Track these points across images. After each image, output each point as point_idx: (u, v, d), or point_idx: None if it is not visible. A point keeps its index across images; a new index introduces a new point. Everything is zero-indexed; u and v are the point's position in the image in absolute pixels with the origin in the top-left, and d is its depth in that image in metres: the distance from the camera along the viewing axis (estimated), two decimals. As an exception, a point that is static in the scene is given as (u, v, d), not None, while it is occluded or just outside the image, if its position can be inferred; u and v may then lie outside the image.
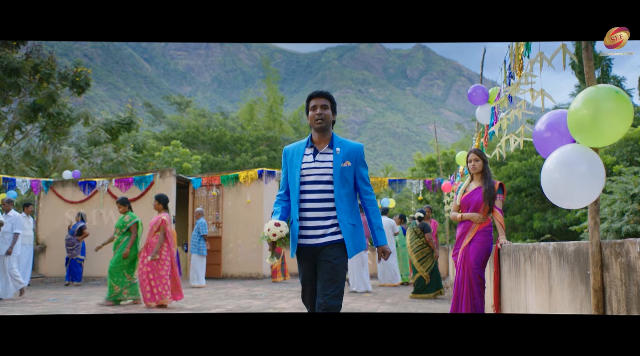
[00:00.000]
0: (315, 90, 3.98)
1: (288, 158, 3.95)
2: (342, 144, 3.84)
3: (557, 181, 2.54)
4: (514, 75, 4.40)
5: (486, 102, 6.03)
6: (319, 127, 3.79)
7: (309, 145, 3.88)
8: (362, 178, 3.87)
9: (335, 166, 3.75)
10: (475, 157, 5.75)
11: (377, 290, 12.17)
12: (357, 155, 3.84)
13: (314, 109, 3.83)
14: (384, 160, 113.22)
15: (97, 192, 14.63)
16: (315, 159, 3.81)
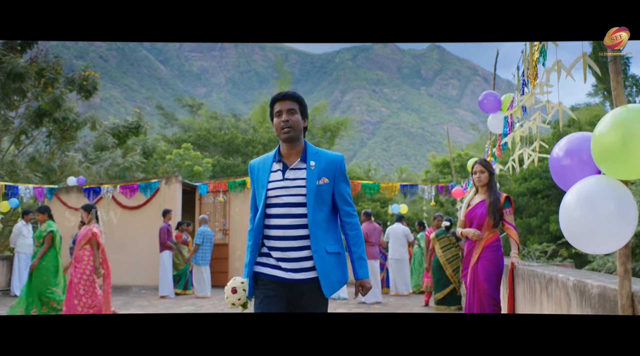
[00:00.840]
0: (284, 91, 3.30)
1: (254, 175, 3.34)
2: (318, 156, 3.22)
3: (578, 220, 2.09)
4: (527, 83, 3.98)
5: (499, 110, 5.60)
6: (287, 137, 3.15)
7: (276, 159, 3.26)
8: (342, 196, 3.24)
9: (309, 185, 3.13)
10: (481, 168, 5.32)
11: (388, 300, 11.75)
12: (336, 169, 3.21)
13: (279, 115, 3.20)
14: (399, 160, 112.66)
15: (102, 199, 14.32)
16: (284, 177, 3.19)
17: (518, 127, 4.34)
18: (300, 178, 3.17)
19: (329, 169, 3.20)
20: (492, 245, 5.21)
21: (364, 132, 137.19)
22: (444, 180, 30.39)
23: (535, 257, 22.05)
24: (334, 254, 3.14)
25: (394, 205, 15.19)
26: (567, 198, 2.23)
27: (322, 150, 3.28)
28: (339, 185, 3.24)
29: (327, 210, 3.18)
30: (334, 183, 3.21)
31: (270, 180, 3.21)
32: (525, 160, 4.08)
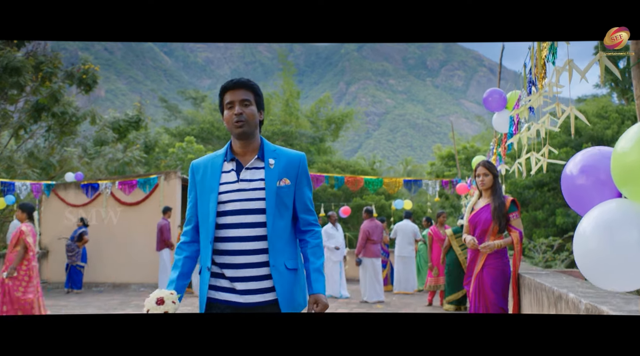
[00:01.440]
0: (236, 79, 2.82)
1: (197, 177, 2.84)
2: (277, 154, 2.81)
3: (595, 252, 1.79)
4: (535, 82, 3.69)
5: (504, 108, 5.29)
6: (241, 132, 2.71)
7: (228, 158, 2.80)
8: (303, 202, 2.81)
9: (268, 186, 2.71)
10: (484, 170, 5.01)
11: (391, 299, 11.50)
12: (298, 169, 2.80)
13: (231, 107, 2.75)
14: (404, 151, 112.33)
15: (101, 195, 14.09)
16: (239, 178, 2.75)
17: (525, 128, 4.05)
18: (258, 179, 2.75)
19: (290, 169, 2.79)
20: (498, 251, 4.93)
21: (369, 123, 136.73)
22: (449, 172, 30.08)
23: (541, 250, 21.79)
24: (293, 271, 2.73)
25: (397, 200, 14.90)
26: (583, 225, 1.93)
27: (281, 148, 2.87)
28: (302, 189, 2.82)
29: (288, 217, 2.77)
30: (296, 187, 2.80)
31: (222, 182, 2.76)
32: (533, 166, 3.79)
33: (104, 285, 13.80)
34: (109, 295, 12.35)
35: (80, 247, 12.86)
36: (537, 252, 21.82)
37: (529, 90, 3.97)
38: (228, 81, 2.84)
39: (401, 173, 43.63)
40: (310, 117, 40.62)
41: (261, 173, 2.76)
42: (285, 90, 39.69)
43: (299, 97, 41.13)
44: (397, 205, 14.70)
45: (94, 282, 13.80)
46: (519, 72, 4.13)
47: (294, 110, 39.13)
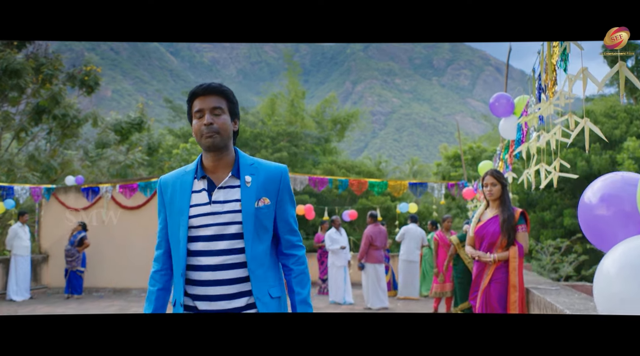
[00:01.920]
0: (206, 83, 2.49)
1: (166, 197, 2.54)
2: (255, 169, 2.49)
3: (620, 296, 1.54)
4: (544, 89, 3.45)
5: (511, 114, 5.04)
6: (211, 144, 2.40)
7: (199, 176, 2.49)
8: (286, 222, 2.51)
9: (245, 208, 2.39)
10: (492, 180, 4.74)
11: (395, 305, 11.25)
12: (279, 185, 2.49)
13: (200, 116, 2.44)
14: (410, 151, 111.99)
15: (101, 199, 13.89)
16: (211, 199, 2.43)
17: (535, 137, 3.80)
18: (233, 200, 2.43)
19: (271, 186, 2.48)
20: (505, 265, 4.68)
21: (375, 122, 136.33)
22: (455, 173, 29.80)
23: (548, 252, 21.50)
24: (276, 299, 2.46)
25: (402, 203, 14.64)
26: (606, 264, 1.68)
27: (260, 161, 2.55)
28: (284, 207, 2.50)
29: (268, 240, 2.47)
30: (277, 205, 2.49)
31: (192, 204, 2.44)
32: (543, 179, 3.54)
33: (105, 290, 13.60)
34: (109, 301, 12.15)
35: (80, 252, 12.67)
36: (545, 254, 21.52)
37: (538, 97, 3.73)
38: (197, 86, 2.51)
39: (407, 174, 43.37)
40: (316, 117, 40.36)
41: (236, 193, 2.45)
42: (290, 90, 39.44)
43: (304, 97, 40.88)
44: (402, 209, 14.43)
45: (94, 287, 13.61)
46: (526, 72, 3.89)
47: (299, 111, 38.87)
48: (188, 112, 2.55)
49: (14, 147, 18.08)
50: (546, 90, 3.37)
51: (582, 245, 21.03)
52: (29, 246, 12.68)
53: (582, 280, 21.08)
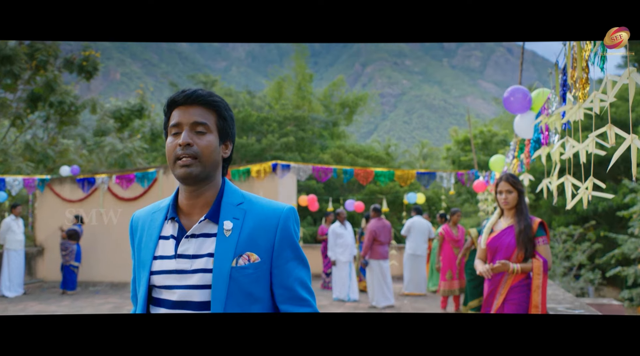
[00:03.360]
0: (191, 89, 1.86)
1: (136, 240, 1.95)
2: (243, 210, 1.83)
3: None
4: (571, 89, 2.87)
5: (529, 110, 4.44)
6: (186, 174, 1.78)
7: (170, 216, 1.87)
8: (288, 288, 1.84)
9: (218, 267, 1.75)
10: (508, 187, 4.13)
11: (402, 302, 10.73)
12: (275, 234, 1.81)
13: (176, 132, 1.83)
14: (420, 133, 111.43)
15: (97, 190, 13.39)
16: (177, 252, 1.81)
17: (559, 145, 3.21)
18: (205, 255, 1.78)
19: (262, 236, 1.80)
20: (521, 284, 4.11)
21: (385, 104, 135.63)
22: (465, 157, 29.20)
23: (561, 240, 20.92)
24: None
25: (410, 193, 14.06)
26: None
27: (254, 199, 1.88)
28: (285, 267, 1.82)
29: (257, 310, 1.82)
30: (273, 264, 1.81)
31: (156, 256, 1.84)
32: (569, 196, 2.97)
33: (101, 285, 13.14)
34: (104, 297, 11.67)
35: (74, 244, 12.15)
36: (557, 241, 20.93)
37: (562, 95, 3.14)
38: (178, 92, 1.88)
39: (417, 157, 42.80)
40: (324, 101, 39.87)
41: (210, 245, 1.79)
42: (298, 74, 38.86)
43: (312, 80, 40.27)
44: (410, 199, 13.84)
45: (90, 281, 13.16)
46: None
47: (307, 94, 38.35)
48: (164, 124, 1.90)
49: (11, 135, 17.61)
50: (572, 89, 2.79)
51: (595, 233, 20.45)
52: (22, 240, 12.21)
53: (595, 269, 20.50)
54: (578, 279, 20.69)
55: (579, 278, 20.65)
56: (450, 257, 9.78)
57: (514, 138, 6.07)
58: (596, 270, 20.51)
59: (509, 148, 6.74)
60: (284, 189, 13.91)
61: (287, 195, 14.16)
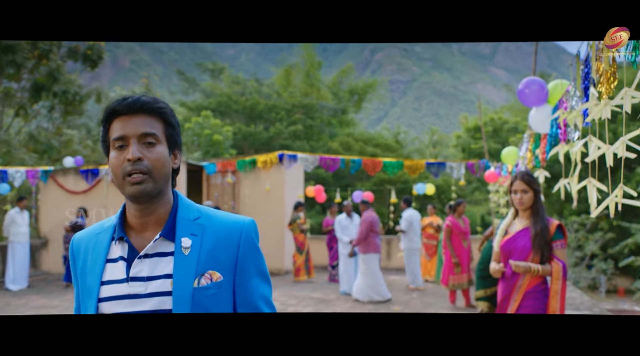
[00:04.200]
0: (133, 96, 1.67)
1: (78, 264, 1.72)
2: (200, 227, 1.67)
3: None
4: (595, 83, 2.60)
5: (545, 103, 4.15)
6: (140, 193, 1.60)
7: (117, 236, 1.67)
8: (252, 305, 1.70)
9: (178, 288, 1.59)
10: (523, 186, 3.85)
11: (410, 297, 10.48)
12: (238, 250, 1.66)
13: (122, 145, 1.63)
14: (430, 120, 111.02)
15: (102, 181, 13.20)
16: (129, 275, 1.63)
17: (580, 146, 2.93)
18: (161, 277, 1.61)
19: (224, 253, 1.65)
20: (537, 289, 3.84)
21: (394, 91, 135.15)
22: (475, 145, 28.84)
23: (573, 229, 20.60)
24: None
25: (419, 184, 13.78)
26: None
27: (211, 213, 1.72)
28: (248, 284, 1.68)
29: None
30: (236, 282, 1.66)
31: (104, 281, 1.64)
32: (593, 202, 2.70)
33: (106, 277, 12.98)
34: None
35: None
36: (569, 231, 20.62)
37: (584, 90, 2.86)
38: (117, 100, 1.67)
39: (426, 144, 42.44)
40: (332, 88, 39.58)
41: (168, 265, 1.62)
42: (306, 61, 38.51)
43: (321, 68, 39.94)
44: (419, 190, 13.56)
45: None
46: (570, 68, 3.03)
47: (315, 81, 38.08)
48: (103, 136, 1.68)
49: (16, 126, 17.43)
50: (597, 84, 2.52)
51: (608, 222, 20.09)
52: (26, 232, 12.04)
53: (607, 259, 20.20)
54: (590, 269, 20.38)
55: (592, 268, 20.35)
56: (460, 250, 9.52)
57: (527, 131, 5.80)
58: (609, 259, 20.21)
59: (523, 140, 6.45)
60: (291, 180, 13.68)
61: (294, 186, 13.93)
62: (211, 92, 38.02)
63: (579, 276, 19.63)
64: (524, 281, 3.87)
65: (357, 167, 12.78)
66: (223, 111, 33.56)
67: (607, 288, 20.15)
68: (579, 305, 5.11)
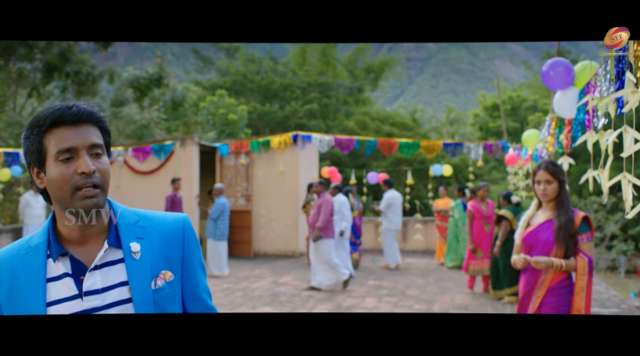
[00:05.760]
0: (74, 105, 1.56)
1: (2, 289, 1.56)
2: (143, 229, 1.63)
3: None
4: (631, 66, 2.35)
5: (571, 85, 3.88)
6: (93, 206, 1.53)
7: (55, 253, 1.56)
8: (200, 299, 1.72)
9: (138, 293, 1.56)
10: (547, 177, 3.60)
11: (427, 280, 10.28)
12: (183, 246, 1.66)
13: (69, 157, 1.52)
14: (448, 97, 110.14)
15: (113, 163, 13.07)
16: (82, 290, 1.54)
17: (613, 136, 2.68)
18: (117, 285, 1.57)
19: (172, 250, 1.64)
20: (561, 285, 3.61)
21: (411, 69, 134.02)
22: (493, 124, 28.43)
23: (592, 210, 20.26)
24: None
25: (436, 165, 13.50)
26: None
27: (147, 214, 1.68)
28: (194, 278, 1.69)
29: None
30: (184, 277, 1.66)
31: (50, 302, 1.53)
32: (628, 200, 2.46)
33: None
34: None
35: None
36: (589, 211, 20.28)
37: (617, 75, 2.61)
38: (56, 108, 1.55)
39: (443, 123, 41.97)
40: (348, 66, 39.22)
41: (120, 273, 1.57)
42: (321, 39, 37.94)
43: (336, 46, 39.51)
44: (436, 171, 13.28)
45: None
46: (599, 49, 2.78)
47: (331, 60, 37.72)
48: (35, 148, 1.55)
49: (29, 108, 17.33)
50: (635, 69, 2.28)
51: (628, 201, 19.72)
52: (41, 215, 11.99)
53: (628, 240, 19.88)
54: (610, 250, 20.06)
55: (612, 249, 20.03)
56: (481, 235, 9.28)
57: (550, 114, 5.51)
58: (629, 240, 19.88)
59: (544, 122, 6.16)
60: (305, 160, 13.46)
61: (309, 167, 13.72)
62: (226, 71, 37.81)
63: (598, 258, 19.32)
64: (547, 276, 3.64)
65: (372, 147, 12.54)
66: (238, 90, 33.34)
67: (626, 268, 19.86)
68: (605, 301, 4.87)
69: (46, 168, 1.55)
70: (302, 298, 8.63)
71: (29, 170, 1.61)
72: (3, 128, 14.58)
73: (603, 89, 2.85)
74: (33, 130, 1.55)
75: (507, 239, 8.06)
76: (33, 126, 1.55)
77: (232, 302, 8.34)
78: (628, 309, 4.30)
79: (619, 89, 2.56)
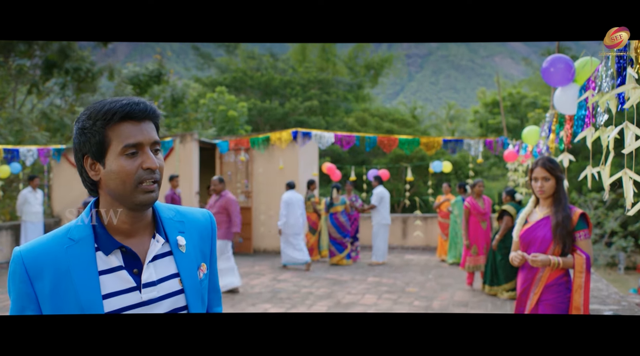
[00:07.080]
0: (139, 101, 1.56)
1: (43, 285, 1.51)
2: (182, 224, 1.69)
3: None
4: (632, 61, 2.34)
5: (571, 82, 3.87)
6: (151, 200, 1.56)
7: (108, 246, 1.56)
8: (216, 289, 1.84)
9: (189, 285, 1.64)
10: (545, 173, 3.59)
11: (426, 277, 10.28)
12: (212, 240, 1.76)
13: (134, 152, 1.52)
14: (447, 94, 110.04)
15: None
16: (141, 282, 1.57)
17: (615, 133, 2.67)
18: (170, 277, 1.62)
19: (205, 244, 1.74)
20: (558, 282, 3.61)
21: (411, 65, 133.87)
22: (493, 120, 28.42)
23: (592, 206, 20.25)
24: None
25: (436, 162, 13.50)
26: None
27: (179, 208, 1.75)
28: (215, 269, 1.80)
29: None
30: (211, 267, 1.76)
31: (106, 295, 1.52)
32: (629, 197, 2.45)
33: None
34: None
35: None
36: (589, 207, 20.29)
37: (618, 70, 2.60)
38: (126, 102, 1.53)
39: (443, 119, 41.98)
40: (348, 63, 39.14)
41: (170, 265, 1.64)
42: (321, 35, 37.92)
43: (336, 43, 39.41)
44: (436, 168, 13.28)
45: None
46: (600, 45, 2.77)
47: (331, 56, 37.65)
48: (95, 143, 1.53)
49: (29, 104, 17.31)
50: (636, 64, 2.27)
51: (627, 198, 19.71)
52: (39, 212, 11.95)
53: (628, 236, 19.88)
54: (610, 246, 20.06)
55: (611, 246, 20.03)
56: (477, 231, 9.28)
57: (550, 110, 5.51)
58: (629, 237, 19.87)
59: (544, 119, 6.15)
60: (305, 157, 13.45)
61: (309, 163, 13.71)
62: (226, 68, 37.73)
63: (597, 254, 19.32)
64: (544, 273, 3.64)
65: (372, 144, 12.53)
66: (238, 87, 33.30)
67: (626, 265, 19.86)
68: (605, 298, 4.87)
69: (106, 160, 1.53)
70: (302, 295, 8.63)
71: (80, 161, 1.58)
72: (3, 125, 14.55)
73: (604, 85, 2.84)
74: (96, 122, 1.52)
75: (506, 235, 8.07)
76: (96, 118, 1.52)
77: (232, 299, 8.35)
78: (628, 306, 4.29)
79: (620, 85, 2.55)
